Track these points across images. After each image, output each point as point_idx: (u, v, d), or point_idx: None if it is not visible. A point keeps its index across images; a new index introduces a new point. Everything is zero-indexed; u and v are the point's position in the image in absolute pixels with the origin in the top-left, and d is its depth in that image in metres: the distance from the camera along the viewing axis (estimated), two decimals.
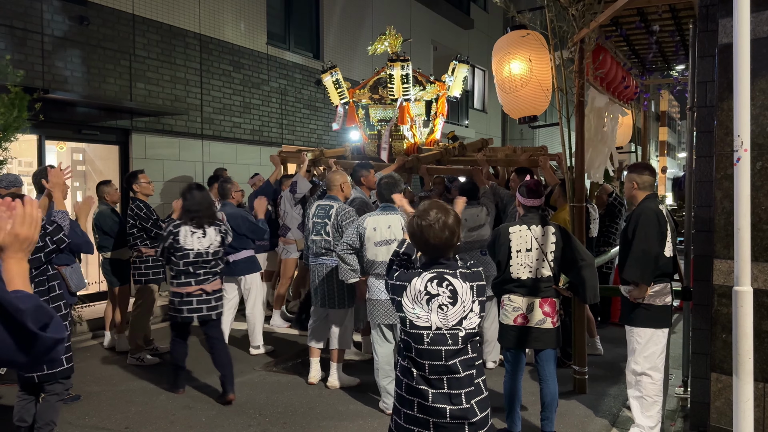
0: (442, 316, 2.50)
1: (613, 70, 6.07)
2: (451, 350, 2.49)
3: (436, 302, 2.50)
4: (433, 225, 2.50)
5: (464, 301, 2.51)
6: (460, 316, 2.50)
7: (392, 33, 8.05)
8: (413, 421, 2.53)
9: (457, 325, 2.50)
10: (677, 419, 4.42)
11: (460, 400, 2.49)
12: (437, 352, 2.49)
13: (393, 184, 4.66)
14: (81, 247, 4.86)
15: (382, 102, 8.03)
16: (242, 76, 10.40)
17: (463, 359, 2.51)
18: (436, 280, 2.51)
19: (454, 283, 2.52)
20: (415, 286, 2.51)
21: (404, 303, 2.52)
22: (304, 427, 4.35)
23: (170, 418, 4.49)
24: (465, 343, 2.51)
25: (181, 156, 9.32)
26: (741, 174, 2.50)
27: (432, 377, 2.50)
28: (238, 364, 5.84)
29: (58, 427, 4.28)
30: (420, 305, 2.50)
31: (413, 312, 2.51)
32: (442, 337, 2.49)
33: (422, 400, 2.51)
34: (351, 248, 4.62)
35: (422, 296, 2.50)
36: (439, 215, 2.51)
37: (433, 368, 2.50)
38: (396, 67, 7.47)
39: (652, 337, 3.92)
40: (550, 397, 4.01)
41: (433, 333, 2.49)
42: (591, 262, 4.04)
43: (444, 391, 2.49)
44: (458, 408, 2.48)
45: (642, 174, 4.05)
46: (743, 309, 2.53)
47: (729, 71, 3.30)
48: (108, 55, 8.18)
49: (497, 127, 20.75)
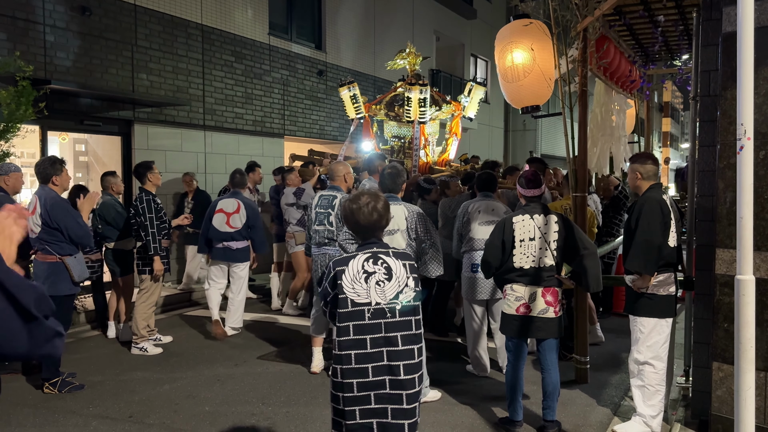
0: (380, 292, 2.68)
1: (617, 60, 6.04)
2: (390, 323, 2.67)
3: (374, 279, 2.69)
4: (362, 208, 2.75)
5: (398, 277, 2.71)
6: (396, 290, 2.70)
7: (412, 51, 8.26)
8: (356, 401, 2.65)
9: (393, 299, 2.69)
10: (679, 408, 4.44)
11: (399, 371, 2.65)
12: (377, 325, 2.67)
13: (396, 174, 4.66)
14: (82, 238, 4.89)
15: (397, 119, 8.18)
16: (244, 66, 10.38)
17: (404, 334, 2.69)
18: (372, 259, 2.72)
19: (388, 260, 2.73)
20: (353, 267, 2.70)
21: (344, 284, 2.68)
22: (306, 416, 4.38)
23: (173, 407, 4.52)
24: (403, 316, 2.69)
25: (184, 147, 9.33)
26: (744, 163, 2.50)
27: (373, 350, 2.66)
28: (241, 353, 5.88)
29: (62, 416, 4.32)
30: (359, 283, 2.68)
31: (353, 291, 2.68)
32: (381, 311, 2.67)
33: (363, 378, 2.65)
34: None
35: (360, 275, 2.69)
36: (369, 200, 2.77)
37: (374, 341, 2.66)
38: (414, 91, 7.67)
39: (656, 327, 3.92)
40: (552, 386, 4.02)
41: (373, 308, 2.67)
42: (593, 251, 4.04)
43: (384, 363, 2.66)
44: (396, 379, 2.65)
45: (645, 164, 4.04)
46: (745, 298, 2.53)
47: (732, 60, 3.29)
48: (110, 45, 8.17)
49: (500, 118, 20.70)
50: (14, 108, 5.75)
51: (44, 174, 4.84)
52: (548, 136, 21.78)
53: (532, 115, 5.82)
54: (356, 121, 8.47)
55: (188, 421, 4.28)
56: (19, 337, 1.45)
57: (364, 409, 2.65)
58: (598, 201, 6.52)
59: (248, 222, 6.39)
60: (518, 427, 4.07)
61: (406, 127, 8.14)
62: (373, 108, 8.42)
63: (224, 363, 5.60)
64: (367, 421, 2.65)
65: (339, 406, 2.68)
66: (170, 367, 5.49)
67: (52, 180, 4.84)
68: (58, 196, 4.84)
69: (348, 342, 2.67)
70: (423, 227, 4.47)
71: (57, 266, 4.81)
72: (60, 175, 4.87)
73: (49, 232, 4.76)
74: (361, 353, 2.65)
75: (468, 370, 5.33)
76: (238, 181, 6.66)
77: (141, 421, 4.27)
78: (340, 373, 2.67)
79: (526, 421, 4.19)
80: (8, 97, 5.73)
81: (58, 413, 4.37)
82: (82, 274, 4.94)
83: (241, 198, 6.48)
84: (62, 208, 4.78)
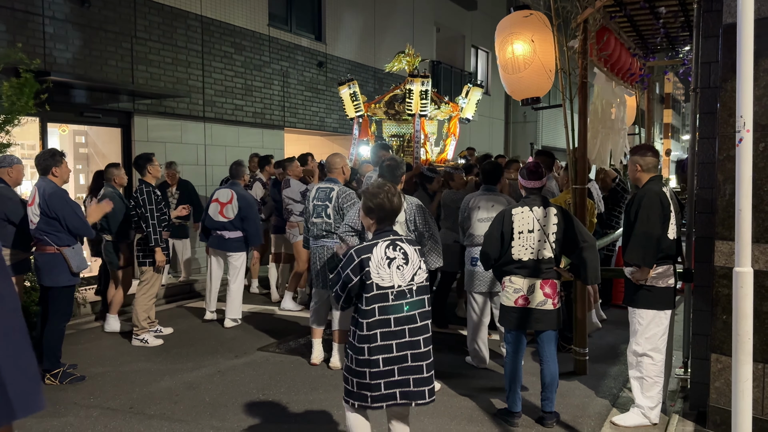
0: (400, 275, 2.98)
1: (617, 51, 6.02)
2: (410, 302, 3.00)
3: (395, 264, 2.99)
4: (392, 197, 3.06)
5: (413, 261, 3.04)
6: (412, 273, 3.02)
7: (410, 52, 8.32)
8: (381, 375, 2.94)
9: (410, 281, 3.01)
10: (677, 399, 4.45)
11: (420, 345, 3.00)
12: (400, 306, 2.97)
13: (395, 166, 4.65)
14: (80, 230, 4.91)
15: (396, 118, 8.22)
16: (244, 58, 10.35)
17: (421, 311, 3.04)
18: (391, 246, 3.01)
19: (404, 246, 3.04)
20: (377, 254, 2.97)
21: (371, 270, 2.94)
22: (306, 407, 4.40)
23: (174, 399, 4.54)
24: (419, 295, 3.03)
25: (183, 139, 9.32)
26: (743, 155, 2.50)
27: (396, 329, 2.96)
28: (242, 345, 5.90)
29: (63, 407, 4.34)
30: (383, 269, 2.96)
31: (378, 275, 2.95)
32: (402, 293, 2.98)
33: (388, 354, 2.95)
34: (352, 230, 4.63)
35: (384, 261, 2.97)
36: (391, 189, 3.10)
37: (398, 320, 2.97)
38: (416, 83, 7.69)
39: (654, 319, 3.93)
40: (551, 378, 4.04)
41: (396, 290, 2.96)
42: (592, 243, 4.05)
43: (406, 339, 2.97)
44: (418, 352, 2.99)
45: (645, 156, 4.04)
46: (743, 290, 2.53)
47: (733, 51, 3.27)
48: (109, 37, 8.15)
49: (500, 110, 20.65)
50: (15, 100, 5.75)
51: (44, 166, 4.86)
52: (549, 128, 21.73)
53: (532, 107, 5.80)
54: (356, 119, 8.48)
55: (189, 412, 4.30)
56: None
57: (389, 382, 2.94)
58: (598, 188, 6.52)
59: (240, 213, 6.49)
60: (517, 418, 4.09)
61: (405, 125, 8.20)
62: (373, 107, 8.46)
63: (225, 354, 5.62)
64: (391, 392, 2.95)
65: (365, 380, 2.94)
66: (171, 358, 5.51)
67: (52, 171, 4.87)
68: (56, 186, 4.85)
69: (374, 323, 2.94)
70: (422, 219, 4.47)
71: (56, 257, 4.83)
72: (60, 166, 4.89)
73: (47, 222, 4.78)
74: (386, 331, 2.94)
75: (467, 361, 5.35)
76: (235, 172, 6.76)
77: (142, 412, 4.29)
78: (367, 351, 2.93)
79: (525, 413, 4.21)
80: (10, 90, 5.72)
81: (58, 404, 4.39)
82: (80, 265, 4.95)
83: (236, 189, 6.59)
84: (60, 198, 4.79)
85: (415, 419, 4.16)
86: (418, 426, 4.06)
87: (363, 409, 3.05)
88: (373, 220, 3.08)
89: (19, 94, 5.72)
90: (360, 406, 3.02)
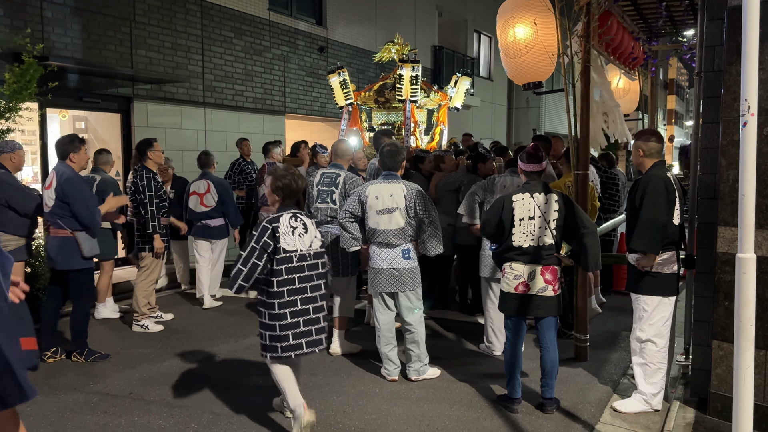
0: (301, 242, 3.55)
1: (620, 35, 5.96)
2: (308, 264, 3.59)
3: (297, 232, 3.54)
4: (297, 179, 3.61)
5: (311, 230, 3.62)
6: (310, 240, 3.60)
7: (400, 41, 8.51)
8: (289, 326, 3.49)
9: (309, 247, 3.59)
10: (678, 386, 4.44)
11: (317, 299, 3.61)
12: (301, 267, 3.55)
13: (396, 152, 4.62)
14: (85, 219, 4.91)
15: (386, 106, 8.34)
16: (244, 42, 10.27)
17: (318, 273, 3.64)
18: (293, 217, 3.55)
19: (303, 218, 3.61)
20: (283, 223, 3.50)
21: (280, 236, 3.46)
22: (306, 393, 4.38)
23: (174, 384, 4.54)
24: (316, 259, 3.63)
25: (183, 124, 9.27)
26: (747, 139, 2.45)
27: (300, 286, 3.54)
28: (242, 330, 5.90)
29: (63, 393, 4.34)
30: (288, 235, 3.50)
31: (285, 241, 3.48)
32: (303, 256, 3.56)
33: (294, 307, 3.51)
34: (352, 216, 4.60)
35: (288, 228, 3.51)
36: (294, 170, 3.65)
37: (301, 279, 3.54)
38: (406, 68, 7.86)
39: (659, 305, 3.91)
40: (551, 364, 4.02)
41: (299, 254, 3.53)
42: (593, 230, 4.01)
43: (308, 295, 3.57)
44: (316, 305, 3.61)
45: (648, 141, 3.99)
46: (746, 276, 2.51)
47: (738, 34, 3.23)
48: (108, 21, 8.08)
49: (503, 95, 20.53)
50: (17, 88, 5.66)
51: (62, 150, 5.00)
52: (552, 113, 21.60)
53: (534, 91, 5.75)
54: (346, 108, 8.51)
55: (189, 397, 4.30)
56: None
57: (296, 333, 3.51)
58: (596, 172, 6.48)
59: (220, 198, 6.82)
60: (517, 404, 4.08)
61: (394, 113, 8.31)
62: (362, 95, 8.54)
63: (225, 340, 5.62)
64: (297, 342, 3.51)
65: (275, 333, 3.48)
66: (171, 344, 5.51)
67: (70, 157, 4.99)
68: (73, 171, 4.95)
69: (283, 281, 3.48)
70: (422, 205, 4.44)
71: (69, 240, 4.91)
72: (77, 152, 5.02)
73: (60, 206, 4.87)
74: (292, 288, 3.51)
75: (480, 349, 5.34)
76: (204, 162, 7.01)
77: (141, 397, 4.30)
78: (277, 306, 3.47)
79: (525, 399, 4.20)
80: (13, 77, 5.63)
81: (59, 390, 4.40)
82: (92, 250, 5.01)
83: (209, 177, 6.89)
84: (73, 184, 4.88)
85: (414, 404, 4.17)
86: (418, 411, 4.06)
87: (280, 360, 3.54)
88: (280, 198, 3.59)
89: (22, 81, 5.64)
90: (272, 357, 3.52)
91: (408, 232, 4.49)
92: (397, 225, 4.46)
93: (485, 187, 5.21)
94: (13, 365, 2.18)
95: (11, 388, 2.20)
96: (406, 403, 4.20)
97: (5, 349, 2.15)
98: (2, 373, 2.16)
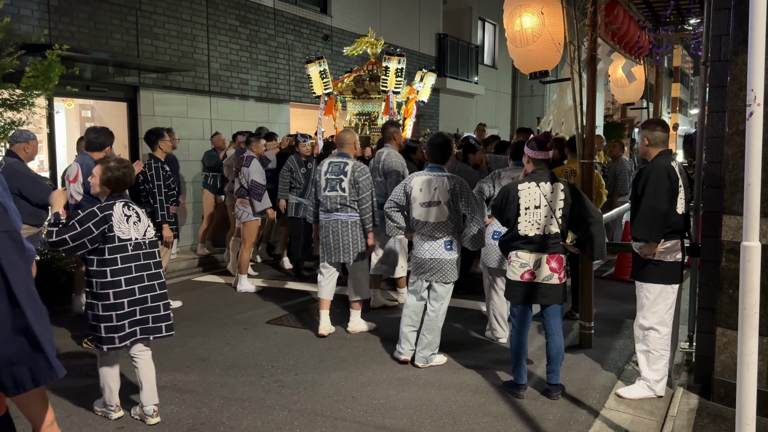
0: (136, 230, 3.60)
1: (626, 24, 5.96)
2: (144, 253, 3.62)
3: (131, 220, 3.59)
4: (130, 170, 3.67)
5: (143, 219, 3.67)
6: (144, 229, 3.66)
7: (371, 37, 9.12)
8: (126, 316, 3.52)
9: (144, 236, 3.64)
10: (682, 373, 4.49)
11: (155, 287, 3.64)
12: (136, 255, 3.58)
13: (445, 144, 4.63)
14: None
15: (362, 96, 8.81)
16: (249, 31, 10.27)
17: (155, 261, 3.68)
18: (126, 206, 3.59)
19: (135, 207, 3.67)
20: (117, 212, 3.54)
21: (114, 224, 3.50)
22: (315, 378, 4.46)
23: (184, 370, 4.61)
24: (152, 247, 3.68)
25: (189, 113, 9.30)
26: (753, 129, 2.48)
27: (137, 274, 3.56)
28: (251, 318, 5.96)
29: (71, 378, 4.41)
30: (123, 224, 3.54)
31: (119, 229, 3.51)
32: (138, 245, 3.60)
33: (131, 297, 3.53)
34: (397, 206, 4.67)
35: (123, 217, 3.55)
36: (127, 163, 3.70)
37: (137, 267, 3.57)
38: (393, 61, 8.34)
39: (662, 293, 3.95)
40: (556, 351, 4.07)
41: (133, 242, 3.57)
42: (599, 219, 4.05)
43: (146, 283, 3.60)
44: (155, 294, 3.65)
45: (654, 130, 4.01)
46: (751, 264, 2.54)
47: (744, 24, 3.24)
48: (114, 10, 8.09)
49: (507, 84, 20.48)
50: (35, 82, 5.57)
51: (99, 142, 5.06)
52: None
53: (540, 80, 5.76)
54: (322, 97, 8.83)
55: (199, 383, 4.37)
56: None
57: (132, 321, 3.55)
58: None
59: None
60: (522, 390, 4.14)
61: (370, 104, 8.72)
62: (340, 86, 8.90)
63: (234, 327, 5.69)
64: (132, 330, 3.56)
65: (112, 323, 3.48)
66: (180, 331, 5.56)
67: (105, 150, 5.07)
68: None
69: (118, 270, 3.51)
70: (465, 200, 4.46)
71: None
72: (111, 146, 5.17)
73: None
74: (129, 277, 3.53)
75: (486, 336, 5.40)
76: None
77: None
78: (113, 296, 3.48)
79: (531, 385, 4.26)
80: (33, 71, 5.55)
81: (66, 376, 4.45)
82: None
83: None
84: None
85: (422, 390, 4.23)
86: (425, 396, 4.12)
87: (113, 352, 3.62)
88: (110, 189, 3.62)
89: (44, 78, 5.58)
90: (110, 349, 3.54)
91: (450, 226, 4.53)
92: (440, 218, 4.49)
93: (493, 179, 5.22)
94: (43, 344, 2.25)
95: (42, 366, 2.26)
96: (414, 389, 4.27)
97: (35, 329, 2.21)
98: (34, 351, 2.23)
